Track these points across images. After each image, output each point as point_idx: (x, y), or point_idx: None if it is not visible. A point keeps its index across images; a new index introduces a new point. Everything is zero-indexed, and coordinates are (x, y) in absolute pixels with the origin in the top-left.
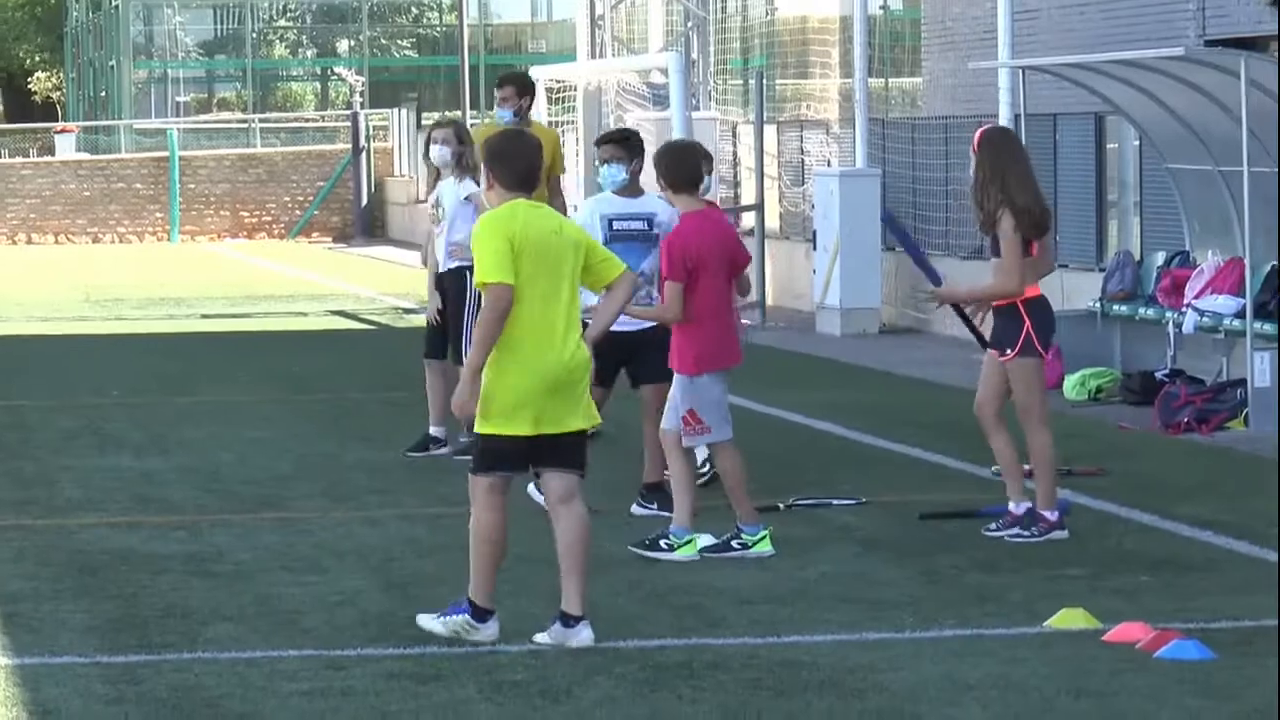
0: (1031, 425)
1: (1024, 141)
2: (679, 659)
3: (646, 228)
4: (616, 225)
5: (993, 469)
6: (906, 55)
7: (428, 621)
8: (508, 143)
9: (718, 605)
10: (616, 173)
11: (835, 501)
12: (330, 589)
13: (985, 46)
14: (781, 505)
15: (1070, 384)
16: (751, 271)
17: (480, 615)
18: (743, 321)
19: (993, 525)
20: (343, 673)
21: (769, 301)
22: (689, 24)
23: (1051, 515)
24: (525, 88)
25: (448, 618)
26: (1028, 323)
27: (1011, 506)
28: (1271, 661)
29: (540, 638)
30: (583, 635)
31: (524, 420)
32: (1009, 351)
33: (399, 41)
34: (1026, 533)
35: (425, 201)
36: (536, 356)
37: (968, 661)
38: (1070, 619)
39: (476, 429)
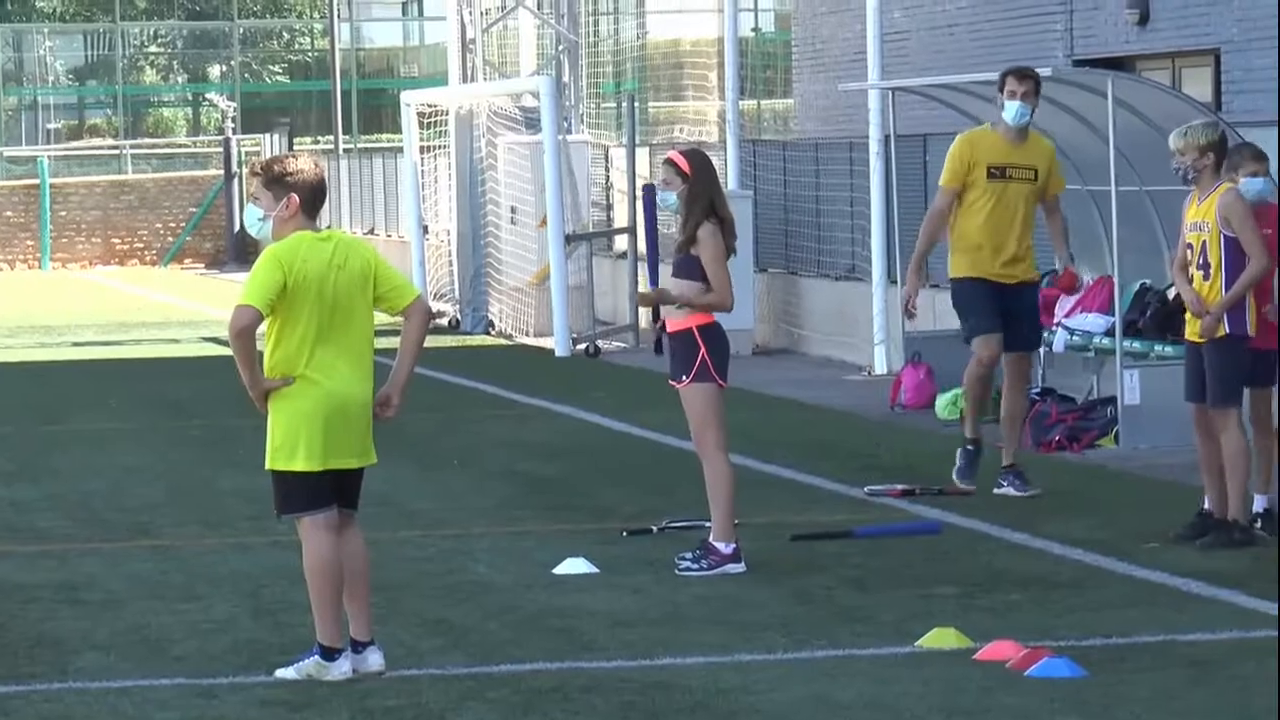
0: (707, 453)
1: (894, 162)
2: (552, 683)
3: None
4: None
5: (865, 489)
6: (779, 77)
7: (281, 672)
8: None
9: (590, 629)
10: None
11: (708, 523)
12: (202, 616)
13: (856, 68)
14: (655, 528)
15: (942, 403)
16: (623, 294)
17: (328, 654)
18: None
19: (688, 556)
20: (215, 701)
21: (642, 324)
22: (560, 48)
23: (726, 548)
24: (1040, 86)
25: (299, 664)
26: (703, 349)
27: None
28: (1141, 677)
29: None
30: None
31: (308, 456)
32: (684, 378)
33: (271, 66)
34: (696, 565)
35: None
36: (317, 391)
37: (839, 682)
38: (941, 638)
39: (269, 466)
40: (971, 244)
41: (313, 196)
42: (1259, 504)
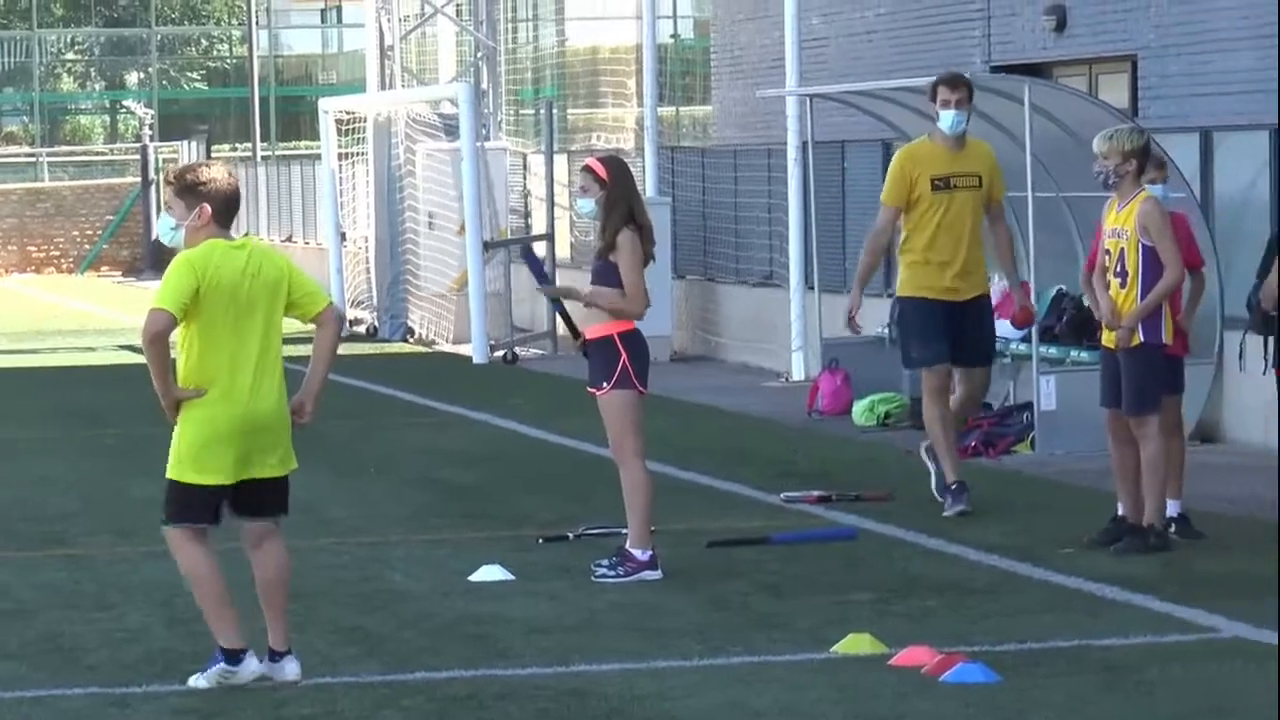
0: (624, 460)
1: (811, 168)
2: (466, 690)
3: None
4: None
5: (782, 495)
6: (698, 84)
7: (194, 681)
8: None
9: (506, 636)
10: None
11: (624, 530)
12: (115, 625)
13: (775, 74)
14: (571, 535)
15: (859, 410)
16: (541, 301)
17: (232, 657)
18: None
19: (604, 563)
20: (128, 710)
21: (560, 330)
22: (479, 54)
23: (642, 555)
24: (972, 92)
25: (207, 671)
26: (624, 355)
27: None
28: (1055, 682)
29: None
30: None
31: (217, 469)
32: (605, 385)
33: (189, 73)
34: (612, 572)
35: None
36: (228, 401)
37: (755, 688)
38: (857, 644)
39: (172, 475)
40: (920, 259)
41: (225, 205)
42: (1173, 509)
